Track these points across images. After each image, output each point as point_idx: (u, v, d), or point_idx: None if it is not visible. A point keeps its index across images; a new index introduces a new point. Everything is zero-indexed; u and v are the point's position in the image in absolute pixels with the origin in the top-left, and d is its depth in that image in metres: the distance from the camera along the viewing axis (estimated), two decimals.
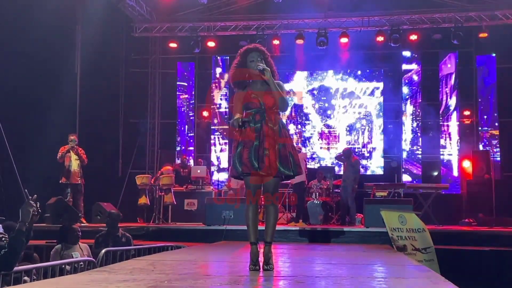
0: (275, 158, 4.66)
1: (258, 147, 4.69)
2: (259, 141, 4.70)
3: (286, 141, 4.81)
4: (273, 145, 4.69)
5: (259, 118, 4.78)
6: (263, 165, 4.64)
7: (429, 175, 16.68)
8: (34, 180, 10.18)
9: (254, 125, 4.76)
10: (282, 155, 4.71)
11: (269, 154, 4.66)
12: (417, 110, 17.09)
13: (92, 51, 13.50)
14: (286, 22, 16.13)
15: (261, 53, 4.98)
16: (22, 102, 10.93)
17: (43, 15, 10.74)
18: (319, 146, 17.36)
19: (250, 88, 4.95)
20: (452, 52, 16.75)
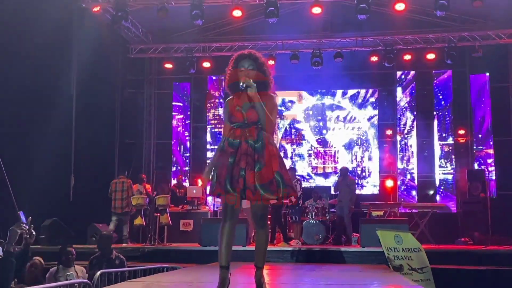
0: (253, 180, 4.18)
1: (233, 166, 4.24)
2: (234, 159, 4.26)
3: (271, 160, 4.27)
4: (251, 165, 4.21)
5: (239, 134, 4.35)
6: (237, 187, 4.19)
7: (424, 194, 16.69)
8: (29, 202, 10.13)
9: (233, 140, 4.34)
10: (264, 176, 4.21)
11: (245, 175, 4.19)
12: (412, 129, 17.14)
13: (88, 72, 13.54)
14: (281, 43, 16.23)
15: (253, 61, 4.52)
16: (18, 123, 10.93)
17: (39, 36, 10.78)
18: (314, 165, 17.37)
19: (237, 98, 4.52)
20: (446, 71, 16.86)
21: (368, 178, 17.12)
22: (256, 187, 4.18)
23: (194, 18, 13.41)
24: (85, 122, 13.54)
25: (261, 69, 4.54)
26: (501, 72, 16.17)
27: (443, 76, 17.04)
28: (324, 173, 17.28)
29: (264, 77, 4.54)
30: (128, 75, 17.05)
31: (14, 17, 10.23)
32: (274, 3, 13.05)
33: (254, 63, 4.52)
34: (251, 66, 4.49)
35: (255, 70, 4.50)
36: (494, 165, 16.23)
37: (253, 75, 4.45)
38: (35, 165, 10.98)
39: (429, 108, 17.12)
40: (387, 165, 17.00)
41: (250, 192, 4.17)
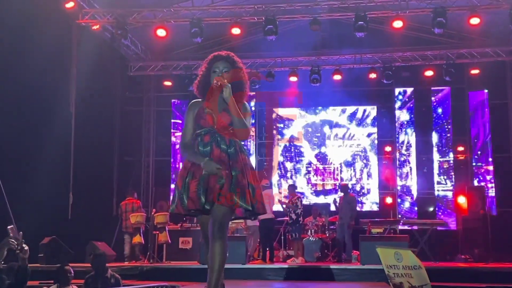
0: (228, 187, 3.84)
1: (208, 177, 3.86)
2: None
3: (245, 168, 3.95)
4: (227, 173, 3.88)
5: (208, 140, 3.98)
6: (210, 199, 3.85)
7: (424, 211, 16.65)
8: (27, 219, 10.09)
9: (203, 148, 3.96)
10: (240, 184, 3.88)
11: (224, 183, 3.86)
12: (411, 145, 17.14)
13: (87, 89, 13.57)
14: (280, 60, 16.27)
15: (230, 64, 4.11)
16: (17, 139, 10.91)
17: (39, 53, 10.81)
18: (314, 182, 17.34)
19: (207, 101, 4.12)
20: (445, 88, 16.90)
21: (367, 195, 17.09)
22: (231, 193, 3.85)
23: (193, 36, 13.47)
24: (84, 140, 13.53)
25: (237, 74, 4.13)
26: (500, 89, 16.21)
27: (441, 93, 17.08)
28: (324, 190, 17.24)
29: (239, 84, 4.12)
30: (127, 92, 17.08)
31: (14, 34, 10.26)
32: (273, 21, 13.11)
33: (230, 67, 4.12)
34: (226, 69, 4.09)
35: (229, 74, 4.09)
36: (493, 181, 16.20)
37: (228, 79, 4.03)
38: (34, 182, 10.94)
39: (428, 125, 17.13)
40: (387, 182, 16.99)
41: (222, 197, 3.84)
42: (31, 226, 10.20)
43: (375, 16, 13.67)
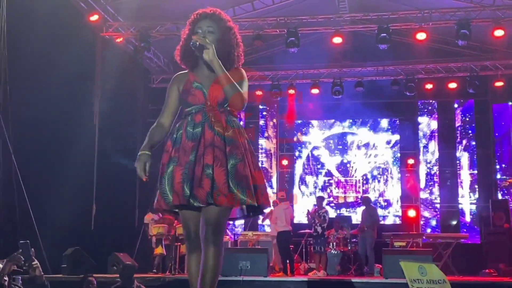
0: (224, 179, 3.13)
1: (194, 163, 3.18)
2: (195, 154, 3.21)
3: (246, 155, 3.26)
4: (221, 160, 3.17)
5: (200, 120, 3.30)
6: (201, 193, 3.12)
7: (447, 225, 16.48)
8: (50, 231, 10.20)
9: (193, 130, 3.29)
10: (240, 174, 3.17)
11: (213, 174, 3.14)
12: (434, 158, 17.01)
13: (110, 101, 13.68)
14: (302, 72, 16.27)
15: (215, 23, 3.39)
16: (42, 152, 11.02)
17: (64, 66, 10.94)
18: (335, 194, 17.27)
19: (194, 73, 3.46)
20: (469, 100, 16.77)
21: (390, 208, 16.96)
22: (231, 188, 3.13)
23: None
24: (107, 151, 13.64)
25: (225, 35, 3.40)
26: None
27: (465, 105, 16.94)
28: (345, 202, 17.15)
29: (229, 45, 3.40)
30: (149, 104, 17.17)
31: (41, 47, 10.39)
32: (295, 33, 13.12)
33: (216, 25, 3.39)
34: (210, 28, 3.37)
35: (215, 35, 3.38)
36: None
37: (212, 40, 3.33)
38: (57, 194, 11.04)
39: (452, 138, 17.00)
40: (409, 194, 16.85)
41: (222, 196, 3.12)
42: (55, 237, 10.34)
43: (398, 28, 13.63)
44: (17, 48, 9.77)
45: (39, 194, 10.38)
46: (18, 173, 9.47)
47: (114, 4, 13.35)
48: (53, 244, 10.24)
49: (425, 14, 13.03)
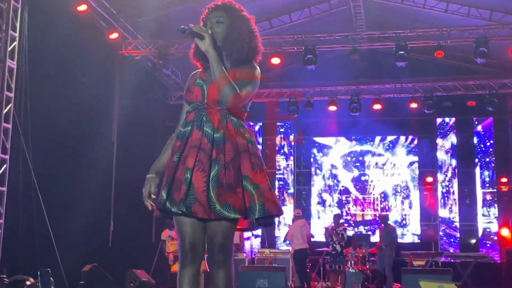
0: (203, 187, 2.79)
1: (176, 165, 2.90)
2: (179, 155, 2.93)
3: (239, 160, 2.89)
4: (203, 164, 2.83)
5: (192, 118, 3.02)
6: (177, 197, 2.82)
7: (467, 243, 16.30)
8: (68, 247, 10.23)
9: (183, 129, 3.06)
10: (220, 182, 2.80)
11: (190, 178, 2.82)
12: (453, 177, 16.87)
13: (128, 117, 13.77)
14: (319, 89, 16.27)
15: (225, 12, 3.07)
16: (60, 167, 11.09)
17: (84, 82, 11.05)
18: (353, 212, 17.17)
19: (203, 70, 3.16)
20: (488, 118, 16.65)
21: (408, 226, 16.82)
22: (210, 198, 2.79)
23: None
24: (125, 168, 13.68)
25: (235, 22, 3.06)
26: None
27: (484, 123, 16.82)
28: (363, 220, 17.04)
29: (238, 34, 3.05)
30: (167, 121, 17.26)
31: (60, 65, 10.50)
32: (313, 50, 13.14)
33: (225, 15, 3.07)
34: (220, 18, 3.06)
35: (224, 25, 3.06)
36: None
37: (221, 31, 3.05)
38: (76, 210, 11.09)
39: (471, 155, 16.86)
40: (428, 213, 16.71)
41: (198, 205, 2.78)
42: (73, 253, 10.36)
43: (416, 45, 13.59)
44: (38, 65, 9.88)
45: (58, 209, 10.43)
46: (37, 189, 9.52)
47: (133, 22, 13.48)
48: (71, 260, 10.26)
49: (443, 32, 12.99)
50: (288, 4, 14.21)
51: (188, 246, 2.95)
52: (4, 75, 9.14)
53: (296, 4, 14.30)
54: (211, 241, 2.91)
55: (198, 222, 2.90)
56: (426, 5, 13.77)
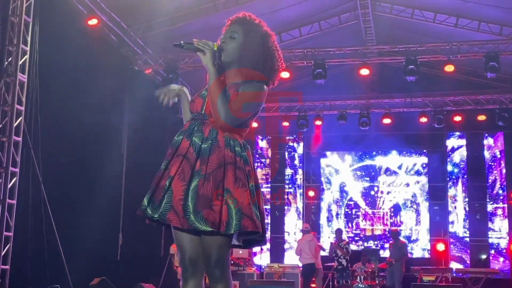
0: (181, 195, 2.78)
1: (163, 172, 2.93)
2: (167, 163, 2.95)
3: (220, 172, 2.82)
4: (185, 173, 2.83)
5: (185, 128, 3.01)
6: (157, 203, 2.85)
7: (477, 259, 16.18)
8: (77, 260, 10.23)
9: (176, 137, 3.03)
10: (198, 192, 2.77)
11: (169, 186, 2.84)
12: (464, 191, 16.77)
13: (138, 131, 13.81)
14: (329, 103, 16.26)
15: (239, 26, 3.02)
16: (70, 180, 11.13)
17: (95, 96, 11.10)
18: (363, 227, 17.09)
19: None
20: (498, 133, 16.58)
21: (418, 241, 16.71)
22: (186, 208, 2.76)
23: None
24: (135, 181, 13.68)
25: (249, 37, 2.99)
26: None
27: (494, 137, 16.74)
28: (373, 235, 16.95)
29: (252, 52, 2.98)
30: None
31: (70, 78, 10.57)
32: (322, 65, 13.14)
33: (240, 28, 3.00)
34: (233, 34, 3.01)
35: (237, 40, 2.99)
36: None
37: (232, 46, 3.00)
38: (84, 223, 11.10)
39: (481, 170, 16.78)
40: (438, 228, 16.61)
41: (173, 213, 2.78)
42: (81, 266, 10.35)
43: (426, 60, 13.58)
44: (48, 79, 9.94)
45: (67, 223, 10.45)
46: (46, 202, 9.55)
47: (143, 37, 13.56)
48: (80, 273, 10.26)
49: (453, 46, 12.97)
50: (298, 18, 14.25)
51: (188, 262, 2.93)
52: (15, 89, 9.20)
53: (306, 18, 14.34)
54: (207, 255, 2.87)
55: (196, 237, 2.88)
56: (436, 20, 13.79)
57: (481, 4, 12.77)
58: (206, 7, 12.81)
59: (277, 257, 16.17)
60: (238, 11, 3.15)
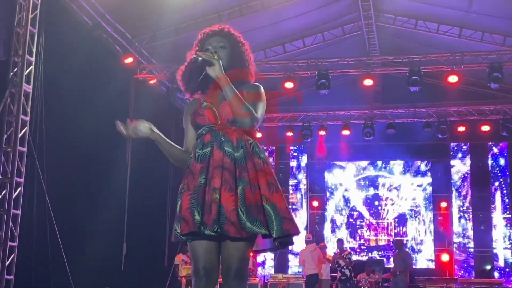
0: (233, 205, 2.78)
1: (204, 186, 2.85)
2: (205, 177, 2.88)
3: (258, 178, 2.88)
4: (229, 183, 2.83)
5: (209, 140, 2.97)
6: (210, 218, 2.77)
7: (481, 269, 16.11)
8: (82, 270, 10.23)
9: (201, 151, 2.96)
10: (249, 199, 2.80)
11: (220, 198, 2.80)
12: (468, 202, 16.74)
13: (142, 142, 13.78)
14: (333, 114, 16.29)
15: (225, 38, 3.15)
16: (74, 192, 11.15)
17: (97, 107, 11.14)
18: (367, 237, 17.06)
19: (203, 94, 3.14)
20: (502, 143, 16.56)
21: (422, 252, 16.66)
22: (240, 217, 2.77)
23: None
24: (139, 191, 13.72)
25: (237, 49, 3.15)
26: None
27: (499, 148, 16.72)
28: (377, 245, 16.91)
29: (241, 61, 3.14)
30: (181, 144, 17.32)
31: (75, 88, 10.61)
32: (326, 75, 13.17)
33: (226, 41, 3.14)
34: (221, 44, 3.12)
35: (227, 50, 3.12)
36: None
37: (224, 56, 3.08)
38: (89, 233, 11.12)
39: (485, 181, 16.75)
40: (443, 238, 16.56)
41: (230, 224, 2.75)
42: (86, 276, 10.36)
43: (430, 70, 13.60)
44: (53, 89, 9.99)
45: (71, 233, 10.46)
46: (51, 212, 9.57)
47: (148, 47, 13.62)
48: (84, 283, 10.26)
49: (456, 57, 12.99)
50: (301, 29, 14.31)
51: (203, 272, 2.86)
52: (20, 99, 9.25)
53: (310, 29, 14.40)
54: (227, 265, 2.84)
55: (212, 247, 2.87)
56: (439, 30, 13.82)
57: (484, 15, 12.81)
58: (211, 18, 12.87)
59: (281, 267, 16.13)
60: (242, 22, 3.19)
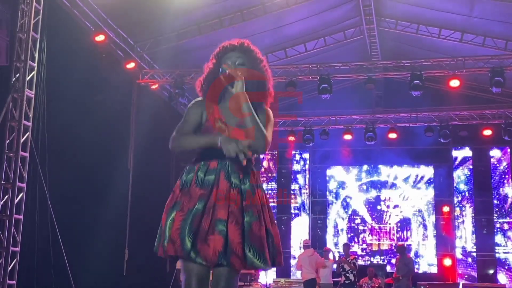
0: (239, 238, 2.74)
1: (201, 214, 2.77)
2: (204, 204, 2.80)
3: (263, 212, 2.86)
4: (236, 216, 2.77)
5: (215, 167, 2.88)
6: (205, 249, 2.71)
7: (484, 274, 16.08)
8: (83, 275, 10.23)
9: (205, 176, 2.86)
10: (255, 233, 2.77)
11: (226, 231, 2.73)
12: (470, 206, 16.71)
13: (144, 145, 13.84)
14: (334, 118, 16.29)
15: (244, 54, 3.05)
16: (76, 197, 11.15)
17: (99, 112, 11.15)
18: (369, 242, 17.03)
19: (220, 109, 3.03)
20: (504, 147, 16.54)
21: (424, 256, 16.64)
22: (244, 250, 2.75)
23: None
24: (141, 196, 13.72)
25: (256, 67, 3.06)
26: None
27: (500, 152, 16.70)
28: (379, 250, 16.89)
29: (259, 81, 3.05)
30: None
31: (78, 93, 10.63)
32: (328, 80, 13.18)
33: (245, 57, 3.04)
34: (240, 60, 3.03)
35: (246, 67, 3.02)
36: None
37: (244, 74, 2.95)
38: (91, 238, 11.12)
39: (487, 185, 16.72)
40: (445, 243, 16.54)
41: (235, 257, 2.72)
42: (88, 282, 10.36)
43: (431, 75, 13.61)
44: (55, 94, 10.01)
45: (73, 238, 10.46)
46: (53, 217, 9.57)
47: (150, 52, 13.65)
48: None
49: (458, 61, 13.00)
50: (303, 33, 14.33)
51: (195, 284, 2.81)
52: (22, 105, 9.27)
53: (311, 34, 14.42)
54: (217, 282, 2.85)
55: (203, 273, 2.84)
56: (441, 35, 13.83)
57: (486, 19, 12.82)
58: (212, 23, 12.90)
59: (283, 272, 16.11)
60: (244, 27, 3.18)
